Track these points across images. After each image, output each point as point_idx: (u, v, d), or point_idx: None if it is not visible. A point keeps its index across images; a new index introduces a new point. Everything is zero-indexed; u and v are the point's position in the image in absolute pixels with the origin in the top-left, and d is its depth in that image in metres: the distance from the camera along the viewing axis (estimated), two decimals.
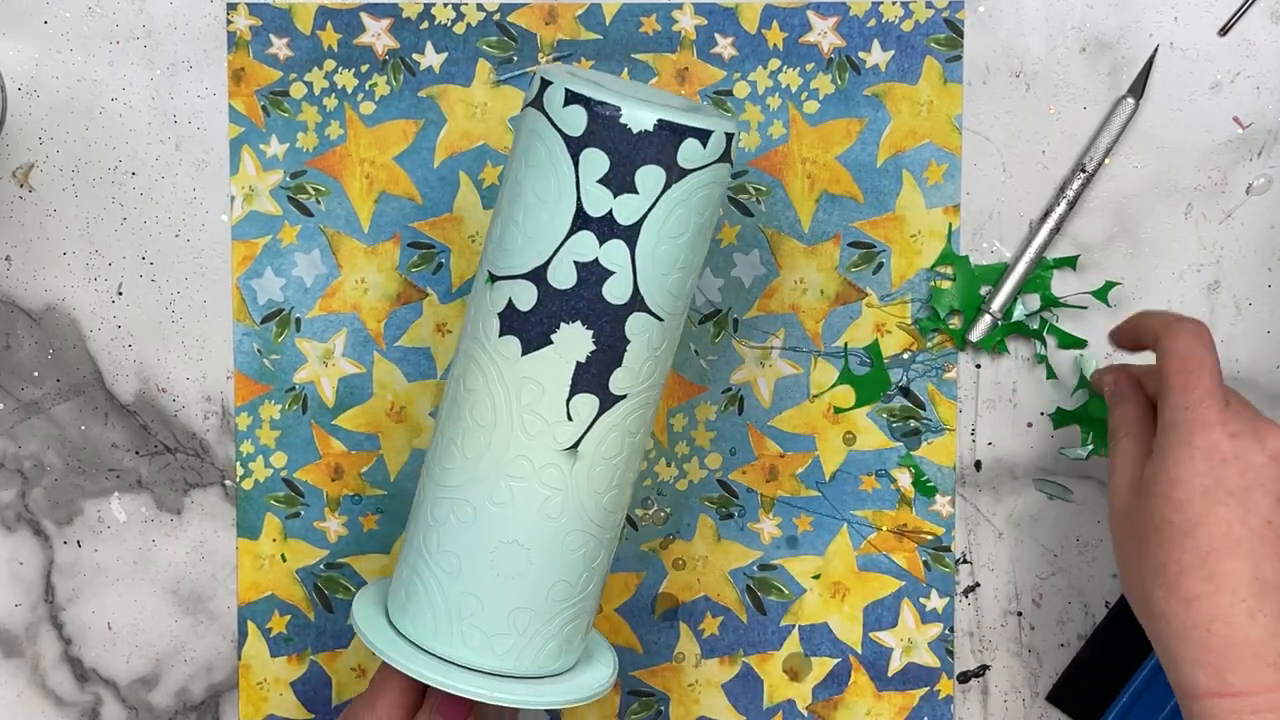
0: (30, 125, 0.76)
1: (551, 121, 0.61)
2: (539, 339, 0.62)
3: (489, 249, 0.64)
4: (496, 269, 0.63)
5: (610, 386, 0.62)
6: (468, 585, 0.63)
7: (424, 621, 0.64)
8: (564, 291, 0.61)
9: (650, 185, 0.60)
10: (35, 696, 0.78)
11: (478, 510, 0.63)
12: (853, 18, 0.75)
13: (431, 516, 0.64)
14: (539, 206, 0.61)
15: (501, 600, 0.63)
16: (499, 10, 0.76)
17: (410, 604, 0.65)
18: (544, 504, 0.63)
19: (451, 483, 0.63)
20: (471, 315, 0.64)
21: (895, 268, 0.76)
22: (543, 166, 0.61)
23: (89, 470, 0.77)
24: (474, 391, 0.63)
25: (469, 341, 0.64)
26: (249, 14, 0.76)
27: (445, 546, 0.64)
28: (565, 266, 0.61)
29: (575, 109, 0.60)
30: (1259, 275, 0.76)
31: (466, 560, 0.63)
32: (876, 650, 0.77)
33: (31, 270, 0.76)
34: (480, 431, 0.63)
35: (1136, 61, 0.76)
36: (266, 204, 0.76)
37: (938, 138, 0.76)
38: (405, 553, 0.66)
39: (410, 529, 0.66)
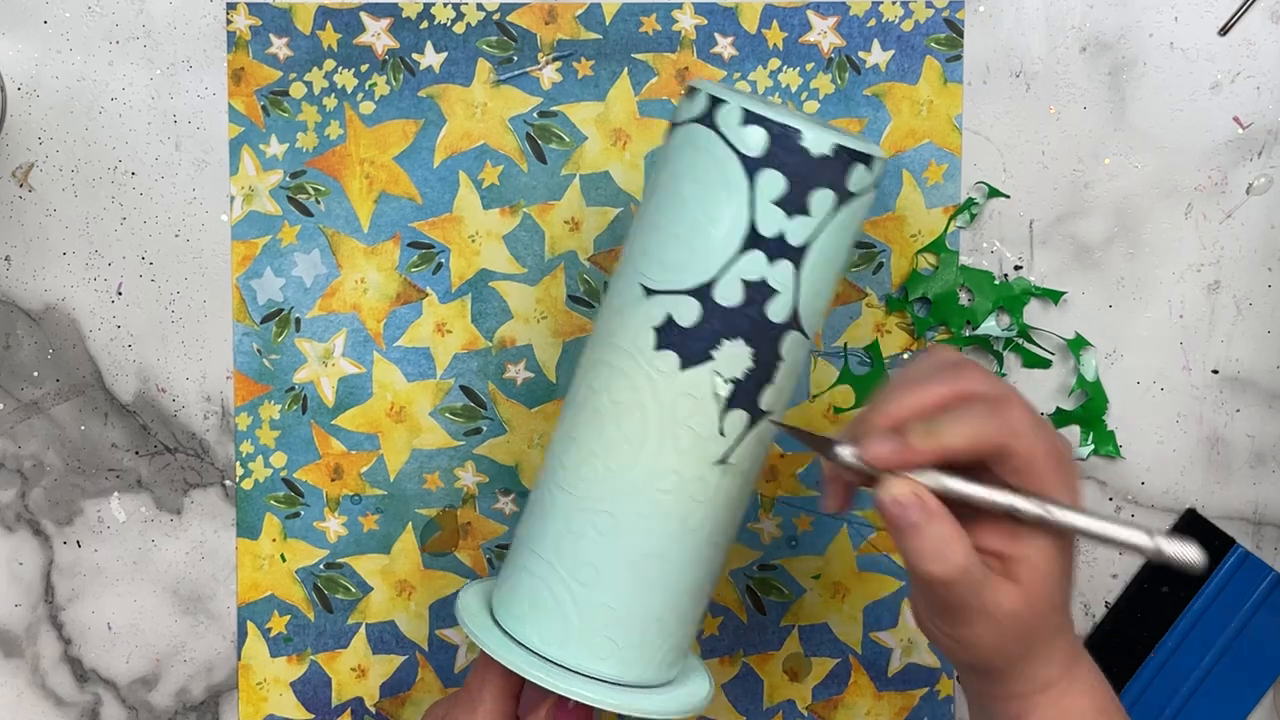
0: (30, 125, 0.76)
1: (726, 140, 0.60)
2: (699, 355, 0.61)
3: (640, 261, 0.62)
4: (652, 283, 0.62)
5: (760, 403, 0.62)
6: (604, 596, 0.63)
7: (552, 631, 0.63)
8: (729, 309, 0.61)
9: (821, 208, 0.61)
10: (35, 696, 0.78)
11: (620, 522, 0.62)
12: (853, 17, 0.75)
13: (566, 526, 0.63)
14: (707, 223, 0.61)
15: (637, 612, 0.63)
16: (499, 10, 0.76)
17: (535, 613, 0.63)
18: (687, 517, 0.62)
19: (592, 493, 0.62)
20: (615, 326, 0.63)
21: (895, 268, 0.76)
22: (713, 183, 0.61)
23: (89, 470, 0.77)
24: (621, 404, 0.62)
25: (611, 352, 0.63)
26: (249, 14, 0.75)
27: (583, 558, 0.62)
28: (733, 284, 0.61)
29: (755, 129, 0.60)
30: (1259, 275, 0.76)
31: (605, 571, 0.62)
32: (876, 650, 0.77)
33: (31, 270, 0.76)
34: (627, 444, 0.62)
35: (1136, 61, 0.76)
36: (266, 204, 0.76)
37: (938, 138, 0.76)
38: (525, 560, 0.64)
39: (532, 535, 0.64)
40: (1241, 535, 0.77)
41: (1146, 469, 0.77)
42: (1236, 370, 0.77)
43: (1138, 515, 0.77)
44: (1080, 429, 0.76)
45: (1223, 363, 0.77)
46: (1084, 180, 0.76)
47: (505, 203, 0.76)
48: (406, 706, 0.78)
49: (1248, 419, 0.77)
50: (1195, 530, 0.77)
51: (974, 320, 0.76)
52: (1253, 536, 0.77)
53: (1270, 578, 0.76)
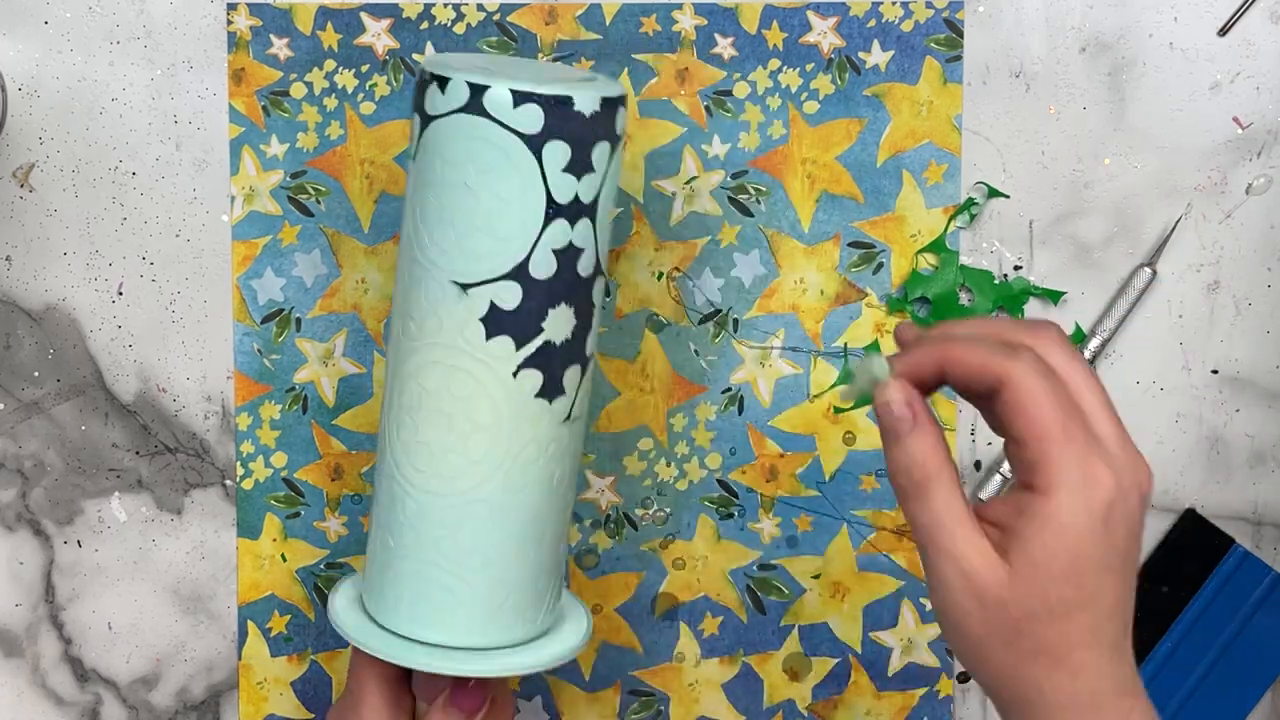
0: (30, 125, 0.76)
1: (502, 124, 0.61)
2: (531, 331, 0.63)
3: (442, 259, 0.63)
4: (465, 277, 0.62)
5: (586, 351, 0.65)
6: (499, 574, 0.64)
7: (456, 624, 0.65)
8: (546, 281, 0.63)
9: (601, 160, 0.63)
10: (35, 696, 0.78)
11: (495, 504, 0.64)
12: (853, 18, 0.75)
13: (442, 526, 0.64)
14: (504, 206, 0.61)
15: (530, 577, 0.65)
16: (499, 10, 0.76)
17: (436, 613, 0.65)
18: (550, 476, 0.65)
19: (459, 488, 0.64)
20: (435, 326, 0.63)
21: (895, 268, 0.76)
22: (500, 168, 0.61)
23: (89, 470, 0.77)
24: (466, 398, 0.63)
25: (440, 352, 0.63)
26: (249, 14, 0.76)
27: (469, 546, 0.64)
28: (545, 258, 0.62)
29: (530, 108, 0.61)
30: (1259, 275, 0.76)
31: (495, 553, 0.64)
32: (876, 650, 0.77)
33: (31, 270, 0.76)
34: (484, 432, 0.63)
35: (1136, 61, 0.76)
36: (267, 204, 0.76)
37: (938, 138, 0.76)
38: (408, 565, 0.65)
39: (407, 543, 0.65)
40: (1241, 535, 0.77)
41: None
42: (1236, 370, 0.77)
43: None
44: None
45: (1222, 362, 0.77)
46: (1084, 180, 0.76)
47: None
48: None
49: (1247, 419, 0.77)
50: (1195, 530, 0.77)
51: None
52: (1252, 536, 0.77)
53: (1270, 578, 0.76)
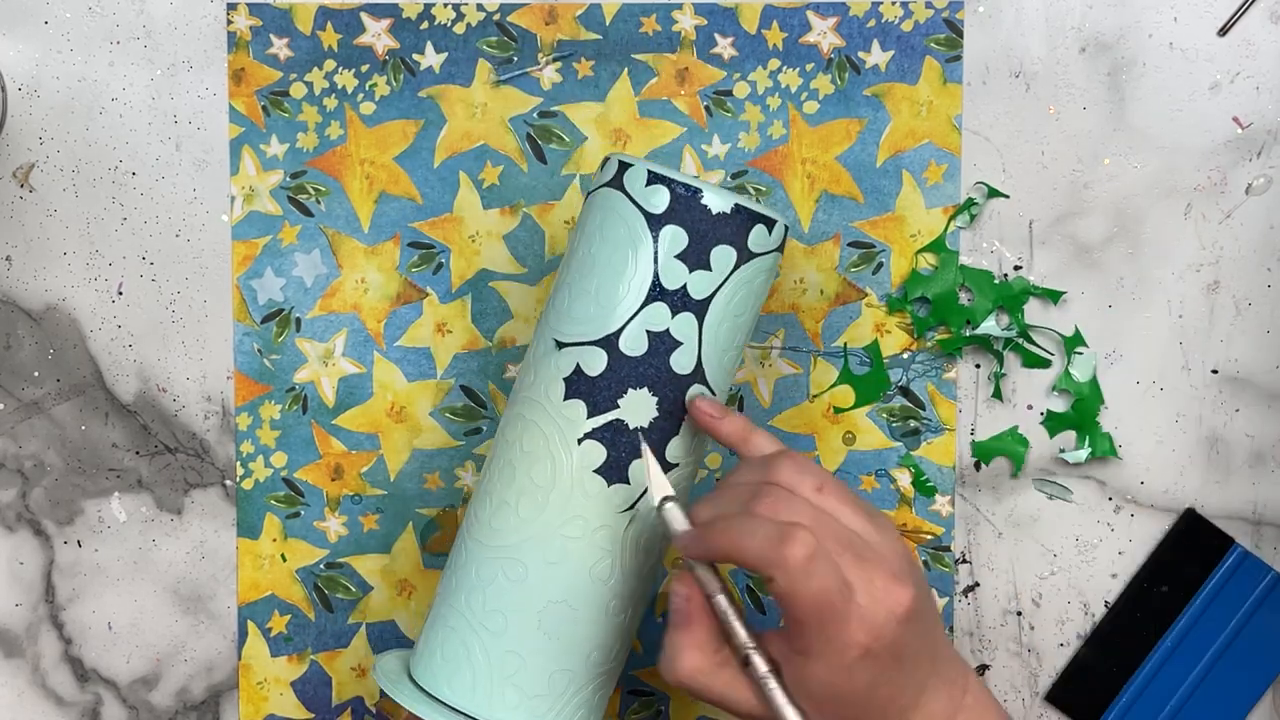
0: (30, 125, 0.76)
1: (632, 199, 0.64)
2: (606, 404, 0.64)
3: (552, 317, 0.65)
4: (563, 336, 0.65)
5: (666, 454, 0.65)
6: (512, 644, 0.64)
7: (461, 681, 0.65)
8: (634, 359, 0.64)
9: (722, 264, 0.64)
10: (35, 696, 0.78)
11: (529, 569, 0.64)
12: (852, 18, 0.75)
13: (477, 576, 0.65)
14: (615, 278, 0.64)
15: (544, 660, 0.65)
16: (499, 10, 0.76)
17: (446, 664, 0.65)
18: (594, 566, 0.64)
19: (503, 542, 0.64)
20: (530, 380, 0.66)
21: (895, 268, 0.76)
22: (620, 241, 0.64)
23: (89, 470, 0.77)
24: (532, 453, 0.64)
25: (525, 405, 0.65)
26: (249, 14, 0.76)
27: (492, 605, 0.64)
28: (638, 335, 0.64)
29: (658, 188, 0.63)
30: (1259, 275, 0.76)
31: (513, 619, 0.64)
32: None
33: (32, 270, 0.76)
34: (538, 492, 0.64)
35: (1136, 61, 0.76)
36: (267, 204, 0.76)
37: (937, 138, 0.76)
38: (442, 614, 0.66)
39: (447, 590, 0.66)
40: (1241, 535, 0.77)
41: (1146, 469, 0.77)
42: (1236, 370, 0.77)
43: (1137, 515, 0.77)
44: (1076, 433, 0.76)
45: (1222, 362, 0.77)
46: (1083, 180, 0.76)
47: (505, 203, 0.76)
48: None
49: (1247, 419, 0.77)
50: (1195, 530, 0.77)
51: (974, 320, 0.76)
52: (1252, 536, 0.77)
53: (1270, 577, 0.76)
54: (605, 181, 0.65)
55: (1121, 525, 0.77)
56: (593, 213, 0.66)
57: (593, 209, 0.66)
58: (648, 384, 0.64)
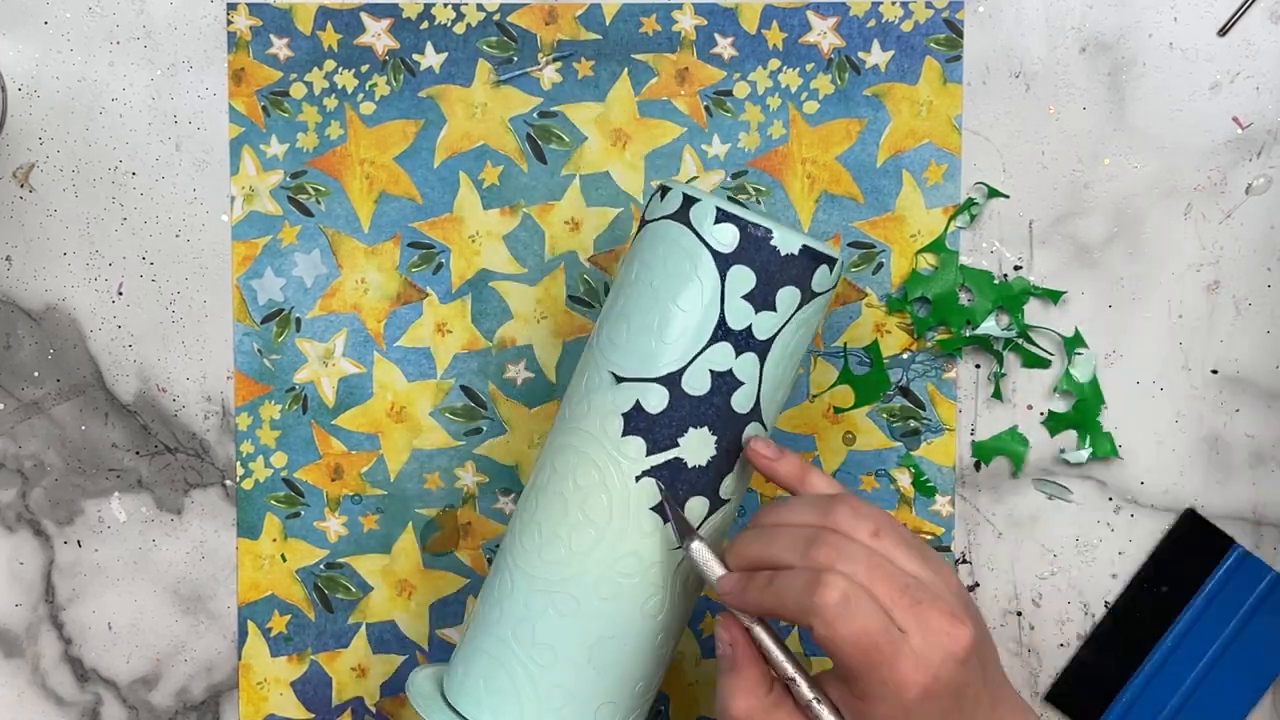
0: (30, 125, 0.76)
1: (699, 235, 0.63)
2: (666, 442, 0.63)
3: (609, 349, 0.65)
4: (622, 370, 0.64)
5: (720, 491, 0.65)
6: (561, 678, 0.64)
7: (506, 711, 0.64)
8: (696, 398, 0.63)
9: (786, 304, 0.64)
10: (35, 696, 0.78)
11: (581, 604, 0.64)
12: (852, 18, 0.75)
13: (526, 608, 0.64)
14: (679, 315, 0.63)
15: (591, 694, 0.64)
16: (499, 10, 0.76)
17: (491, 694, 0.65)
18: (646, 602, 0.64)
19: (554, 576, 0.64)
20: (582, 412, 0.65)
21: (895, 268, 0.76)
22: (685, 276, 0.63)
23: (89, 470, 0.77)
24: (586, 488, 0.64)
25: (578, 437, 0.65)
26: (249, 14, 0.76)
27: (541, 638, 0.64)
28: (701, 374, 0.63)
29: (728, 226, 0.63)
30: (1259, 275, 0.76)
31: (563, 653, 0.64)
32: None
33: (32, 270, 0.76)
34: (592, 527, 0.64)
35: (1136, 61, 0.76)
36: (267, 204, 0.76)
37: (937, 138, 0.76)
38: (485, 643, 0.66)
39: (491, 619, 0.66)
40: (1241, 535, 0.77)
41: (1146, 469, 0.77)
42: (1236, 370, 0.77)
43: (1137, 515, 0.77)
44: (1077, 433, 0.76)
45: (1222, 362, 0.77)
46: (1083, 180, 0.76)
47: (505, 203, 0.76)
48: (406, 707, 0.78)
49: (1247, 419, 0.77)
50: (1195, 530, 0.77)
51: (974, 320, 0.76)
52: (1252, 536, 0.77)
53: (1270, 578, 0.76)
54: (668, 214, 0.64)
55: (1121, 525, 0.77)
56: (654, 244, 0.64)
57: (654, 240, 0.64)
58: (708, 423, 0.63)
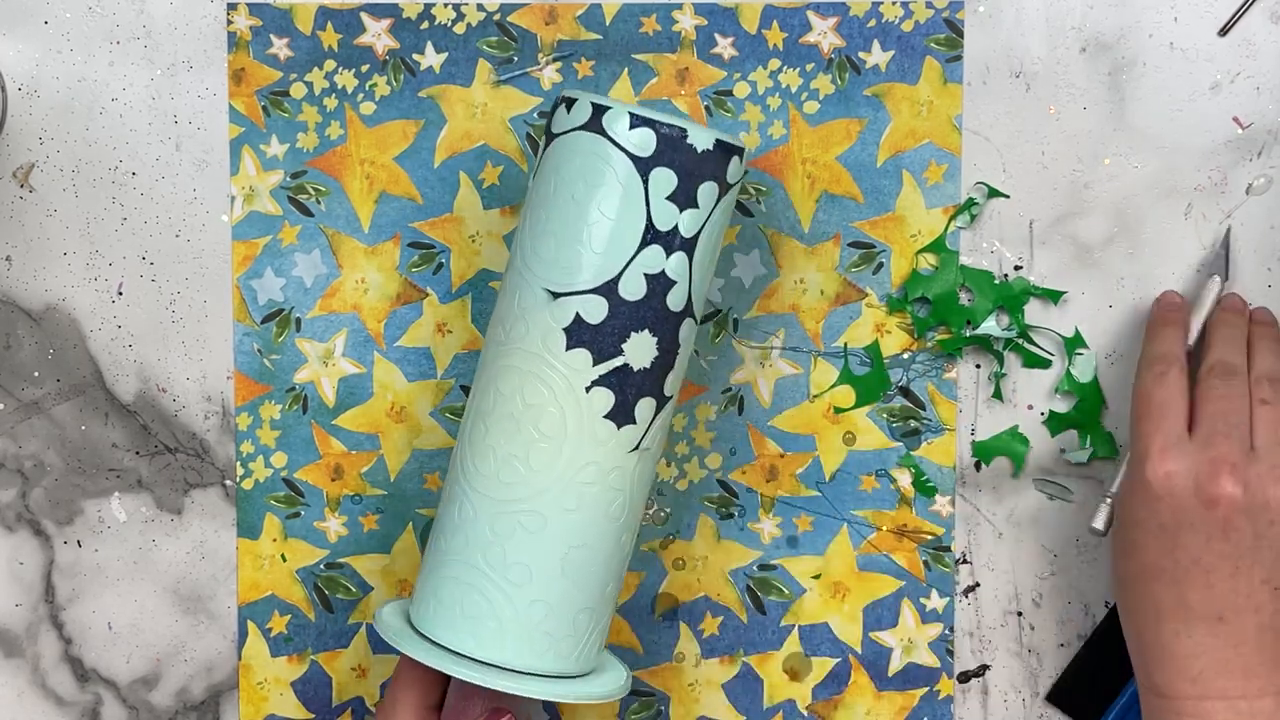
0: (30, 125, 0.76)
1: (616, 143, 0.64)
2: (610, 350, 0.65)
3: (537, 266, 0.65)
4: (557, 286, 0.65)
5: (664, 389, 0.66)
6: (538, 593, 0.65)
7: (487, 633, 0.65)
8: (634, 303, 0.65)
9: (707, 199, 0.65)
10: (35, 696, 0.78)
11: (548, 519, 0.65)
12: (853, 18, 0.75)
13: (492, 531, 0.65)
14: (606, 224, 0.64)
15: (569, 603, 0.66)
16: (499, 10, 0.76)
17: (468, 619, 0.65)
18: (609, 506, 0.66)
19: (516, 496, 0.65)
20: (521, 332, 0.65)
21: (895, 268, 0.76)
22: (609, 186, 0.64)
23: (89, 470, 0.77)
24: (537, 406, 0.65)
25: (520, 357, 0.65)
26: (249, 14, 0.76)
27: (513, 558, 0.65)
28: (636, 279, 0.64)
29: (644, 131, 0.64)
30: (1259, 275, 0.76)
31: (536, 568, 0.65)
32: (876, 650, 0.77)
33: (31, 270, 0.76)
34: (548, 443, 0.65)
35: (1136, 61, 0.76)
36: (267, 204, 0.76)
37: (938, 138, 0.76)
38: (450, 570, 0.66)
39: (454, 546, 0.66)
40: None
41: None
42: None
43: None
44: (1078, 433, 0.76)
45: None
46: (1084, 180, 0.76)
47: (505, 203, 0.76)
48: None
49: None
50: None
51: (974, 320, 0.76)
52: None
53: None
54: (580, 125, 0.65)
55: None
56: (569, 157, 0.65)
57: (568, 153, 0.65)
58: (648, 326, 0.65)
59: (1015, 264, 0.76)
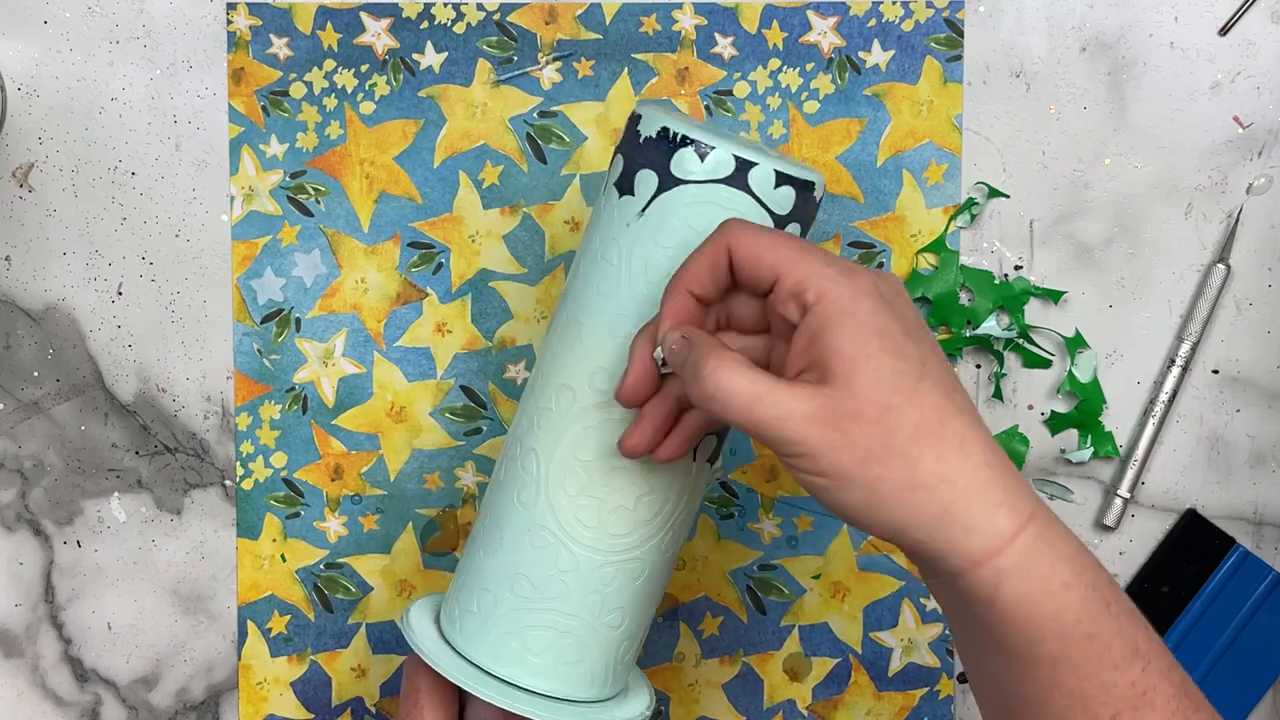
0: (30, 125, 0.76)
1: (762, 203, 0.60)
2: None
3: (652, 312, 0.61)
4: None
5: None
6: (630, 633, 0.65)
7: (578, 677, 0.64)
8: None
9: None
10: (35, 696, 0.78)
11: (647, 565, 0.64)
12: (853, 18, 0.75)
13: (598, 581, 0.63)
14: None
15: (640, 636, 0.66)
16: (499, 10, 0.76)
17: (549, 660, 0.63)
18: (681, 535, 0.65)
19: (620, 547, 0.63)
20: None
21: (895, 268, 0.76)
22: None
23: (89, 470, 0.77)
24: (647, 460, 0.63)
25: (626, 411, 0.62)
26: (249, 14, 0.76)
27: (613, 606, 0.63)
28: None
29: (786, 190, 0.61)
30: (1259, 275, 0.76)
31: (631, 610, 0.64)
32: (876, 650, 0.77)
33: (31, 270, 0.76)
34: (655, 495, 0.63)
35: (1136, 61, 0.76)
36: (266, 204, 0.76)
37: (938, 138, 0.76)
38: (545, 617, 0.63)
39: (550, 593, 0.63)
40: (1241, 535, 0.77)
41: (1146, 469, 0.77)
42: (1236, 370, 0.77)
43: (1138, 515, 0.77)
44: (1079, 432, 0.76)
45: (1223, 363, 0.77)
46: (1084, 180, 0.76)
47: (505, 203, 0.76)
48: None
49: (1248, 419, 0.77)
50: (1195, 530, 0.77)
51: (974, 320, 0.76)
52: (1253, 536, 0.77)
53: (1270, 578, 0.76)
54: (720, 178, 0.60)
55: (1122, 525, 0.77)
56: (704, 209, 0.61)
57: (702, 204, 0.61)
58: None
59: (1015, 264, 0.76)
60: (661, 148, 0.61)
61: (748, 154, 0.60)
